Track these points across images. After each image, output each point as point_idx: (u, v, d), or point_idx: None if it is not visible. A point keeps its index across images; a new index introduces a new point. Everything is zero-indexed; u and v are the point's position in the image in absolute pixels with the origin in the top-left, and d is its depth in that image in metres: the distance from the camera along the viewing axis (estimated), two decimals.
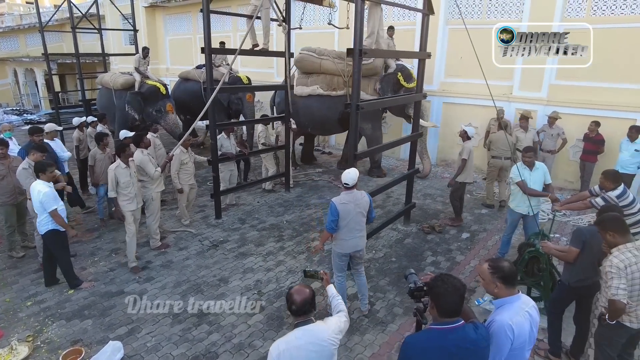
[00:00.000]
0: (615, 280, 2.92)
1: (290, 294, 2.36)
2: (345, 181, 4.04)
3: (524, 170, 5.10)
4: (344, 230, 4.07)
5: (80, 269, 5.43)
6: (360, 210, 4.09)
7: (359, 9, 4.41)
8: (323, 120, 9.12)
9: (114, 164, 5.29)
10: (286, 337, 2.33)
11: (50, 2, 27.70)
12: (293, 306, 2.32)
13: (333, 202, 4.02)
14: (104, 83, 10.18)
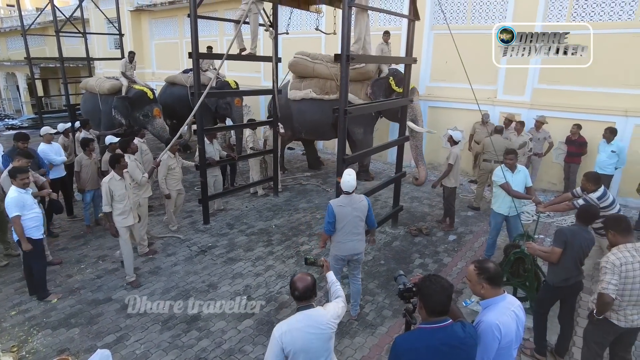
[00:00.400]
0: (608, 275, 3.05)
1: (293, 281, 2.52)
2: (345, 189, 4.07)
3: (506, 173, 5.21)
4: (341, 233, 4.09)
5: (67, 276, 5.36)
6: (358, 214, 4.11)
7: (346, 15, 4.46)
8: (316, 125, 9.15)
9: (107, 176, 5.01)
10: (288, 319, 2.51)
11: (32, 5, 27.23)
12: (296, 292, 2.50)
13: (330, 204, 4.09)
14: (89, 88, 10.07)
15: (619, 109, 7.88)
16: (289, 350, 2.39)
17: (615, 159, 7.06)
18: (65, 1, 24.84)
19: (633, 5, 7.73)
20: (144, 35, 17.84)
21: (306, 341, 2.41)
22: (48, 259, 5.58)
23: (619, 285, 3.03)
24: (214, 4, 14.13)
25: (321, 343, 2.48)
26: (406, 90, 6.25)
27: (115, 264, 5.69)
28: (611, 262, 3.07)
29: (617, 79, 7.95)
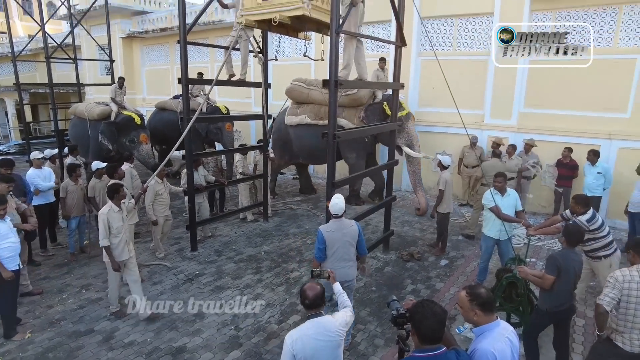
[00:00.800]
0: (608, 288, 3.10)
1: (303, 289, 2.66)
2: (333, 212, 4.03)
3: (495, 196, 5.21)
4: (332, 259, 4.01)
5: (47, 307, 5.17)
6: (348, 240, 4.05)
7: (334, 41, 4.52)
8: (313, 149, 9.15)
9: (105, 207, 4.75)
10: (299, 327, 2.64)
11: (24, 32, 27.42)
12: (306, 300, 2.63)
13: (320, 230, 4.03)
14: (78, 113, 10.03)
15: (603, 132, 8.04)
16: (300, 357, 2.50)
17: (602, 180, 7.15)
18: (57, 29, 25.11)
19: (611, 33, 8.00)
20: (135, 61, 17.99)
21: (316, 348, 2.52)
22: (28, 289, 5.41)
23: (617, 299, 3.06)
24: (205, 31, 14.36)
25: (330, 350, 2.58)
26: (394, 115, 6.30)
27: (99, 292, 5.52)
28: (615, 277, 3.12)
29: (599, 103, 8.15)
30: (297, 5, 5.33)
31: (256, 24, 6.16)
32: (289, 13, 5.48)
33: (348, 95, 8.60)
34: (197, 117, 6.14)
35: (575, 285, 3.74)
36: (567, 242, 3.73)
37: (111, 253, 4.73)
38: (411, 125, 8.55)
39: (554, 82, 8.59)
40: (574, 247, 3.74)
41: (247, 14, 5.99)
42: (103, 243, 4.68)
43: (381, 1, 5.65)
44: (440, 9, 9.72)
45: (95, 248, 6.90)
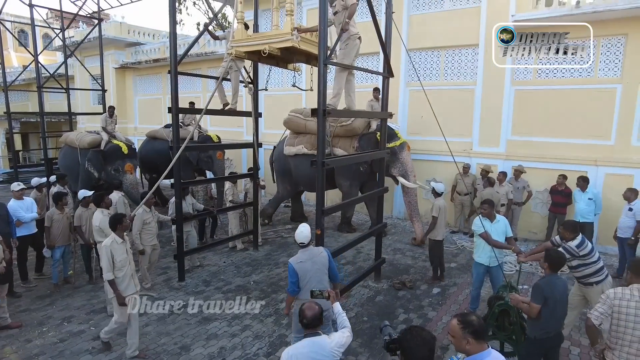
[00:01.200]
0: (599, 303, 3.25)
1: (302, 309, 2.78)
2: (299, 241, 4.02)
3: (485, 222, 5.22)
4: (305, 290, 3.90)
5: (25, 341, 4.97)
6: (319, 267, 4.01)
7: (322, 72, 4.61)
8: (311, 178, 9.05)
9: (108, 239, 4.53)
10: (295, 345, 2.78)
11: (18, 63, 27.67)
12: (304, 320, 2.75)
13: (290, 263, 3.98)
14: (69, 142, 10.00)
15: (590, 159, 8.18)
16: None
17: (593, 206, 7.22)
18: (53, 59, 25.40)
19: (591, 64, 8.28)
20: (128, 91, 18.16)
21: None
22: (6, 322, 5.21)
23: (606, 314, 3.18)
24: (197, 62, 14.61)
25: None
26: (383, 143, 6.36)
27: (82, 324, 5.33)
28: (607, 294, 3.24)
29: (584, 131, 8.33)
30: (286, 38, 5.46)
31: (246, 55, 6.28)
32: (278, 45, 5.61)
33: (343, 126, 8.69)
34: (187, 145, 6.16)
35: (564, 310, 3.72)
36: (549, 268, 3.73)
37: (116, 287, 4.46)
38: (405, 155, 8.54)
39: (540, 111, 8.80)
40: (556, 273, 3.75)
41: (237, 45, 6.12)
42: (108, 277, 4.43)
43: (370, 34, 5.81)
44: (427, 41, 10.03)
45: (80, 278, 6.74)
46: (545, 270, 3.80)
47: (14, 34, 16.03)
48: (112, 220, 4.68)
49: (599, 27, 7.77)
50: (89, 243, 6.37)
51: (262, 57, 6.09)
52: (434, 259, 6.68)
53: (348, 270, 7.16)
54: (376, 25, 5.70)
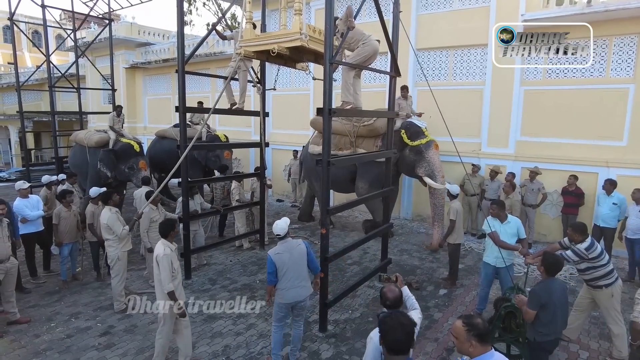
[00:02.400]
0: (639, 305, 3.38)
1: (384, 292, 2.95)
2: (276, 233, 4.17)
3: (494, 222, 5.16)
4: (284, 280, 4.11)
5: (34, 336, 5.03)
6: (297, 259, 4.15)
7: (327, 71, 4.60)
8: (334, 178, 8.92)
9: (163, 247, 4.15)
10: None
11: (32, 63, 28.14)
12: (387, 302, 2.91)
13: (269, 254, 4.13)
14: (78, 140, 10.12)
15: (601, 160, 8.05)
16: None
17: (617, 211, 6.91)
18: (65, 60, 25.75)
19: (602, 64, 8.15)
20: (137, 90, 18.34)
21: None
22: (15, 317, 5.29)
23: None
24: (206, 62, 14.70)
25: None
26: (390, 142, 6.32)
27: (89, 321, 5.38)
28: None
29: (596, 132, 8.21)
30: (295, 37, 5.45)
31: (255, 54, 6.28)
32: (287, 44, 5.60)
33: (366, 125, 8.47)
34: (194, 144, 6.19)
35: (565, 314, 3.71)
36: (546, 272, 3.69)
37: (176, 298, 4.15)
38: (432, 154, 8.14)
39: (550, 111, 8.69)
40: (553, 277, 3.70)
41: (245, 45, 6.13)
42: (169, 288, 4.05)
43: (379, 34, 5.79)
44: (435, 41, 9.97)
45: (87, 275, 6.81)
46: (542, 274, 3.76)
47: (28, 35, 16.23)
48: (165, 226, 4.35)
49: (611, 26, 7.66)
50: (101, 240, 6.41)
51: (270, 57, 6.09)
52: (455, 263, 6.57)
53: (354, 270, 7.13)
54: (383, 25, 5.68)
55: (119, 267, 5.58)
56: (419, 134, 8.29)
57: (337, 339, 4.99)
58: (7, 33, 31.36)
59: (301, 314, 4.37)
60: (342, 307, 5.73)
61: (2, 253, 5.10)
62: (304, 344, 4.85)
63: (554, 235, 8.61)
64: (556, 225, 8.59)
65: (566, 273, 6.91)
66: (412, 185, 10.45)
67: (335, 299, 5.29)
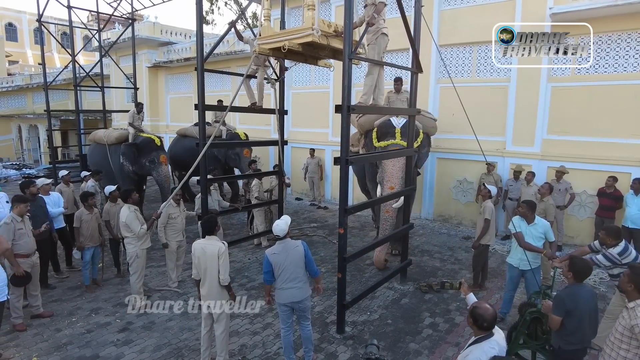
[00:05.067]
0: None
1: (479, 313, 2.73)
2: (275, 233, 4.12)
3: (520, 223, 4.96)
4: (280, 280, 4.11)
5: (55, 330, 5.12)
6: (293, 260, 4.09)
7: (346, 67, 4.50)
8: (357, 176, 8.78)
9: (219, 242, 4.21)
10: (480, 346, 2.71)
11: (60, 63, 28.97)
12: (485, 324, 2.71)
13: (265, 253, 4.13)
14: (97, 139, 10.23)
15: (633, 160, 7.68)
16: None
17: None
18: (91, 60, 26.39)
19: (637, 58, 7.76)
20: (160, 89, 18.60)
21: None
22: (39, 311, 5.40)
23: None
24: (226, 61, 14.74)
25: None
26: (410, 141, 6.17)
27: (108, 317, 5.43)
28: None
29: (628, 129, 7.82)
30: (307, 33, 5.37)
31: (271, 52, 6.23)
32: (298, 40, 5.52)
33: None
34: (214, 142, 6.18)
35: (594, 323, 3.48)
36: (574, 278, 3.46)
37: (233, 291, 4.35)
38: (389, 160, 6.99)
39: (579, 108, 8.34)
40: (581, 282, 3.48)
41: (262, 42, 6.09)
42: (228, 280, 4.18)
43: (399, 30, 5.65)
44: (458, 37, 9.71)
45: (108, 271, 6.87)
46: (568, 279, 3.54)
47: (56, 37, 16.72)
48: (208, 224, 4.29)
49: None
50: (116, 238, 6.48)
51: (288, 54, 6.03)
52: (478, 264, 6.35)
53: (373, 270, 7.01)
54: (404, 20, 5.53)
55: (138, 265, 5.61)
56: (388, 134, 7.05)
57: (355, 341, 4.89)
58: (38, 35, 32.46)
59: (304, 315, 4.30)
60: (360, 309, 5.63)
61: (29, 247, 5.20)
62: (321, 345, 4.78)
63: (582, 237, 8.27)
64: (585, 227, 8.24)
65: (596, 277, 6.62)
66: (434, 184, 10.24)
67: (354, 300, 5.19)
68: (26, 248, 5.14)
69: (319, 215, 10.91)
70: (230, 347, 4.73)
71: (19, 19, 33.03)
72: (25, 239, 5.11)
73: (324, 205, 11.83)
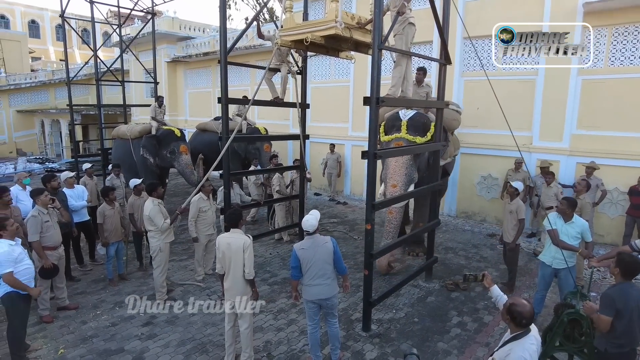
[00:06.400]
0: None
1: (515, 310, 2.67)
2: (305, 229, 4.01)
3: (557, 220, 4.77)
4: (307, 276, 4.03)
5: (81, 322, 5.15)
6: (321, 256, 3.97)
7: (376, 58, 4.36)
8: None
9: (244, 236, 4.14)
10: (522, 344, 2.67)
11: (81, 59, 29.39)
12: (524, 320, 2.65)
13: (294, 248, 4.05)
14: (120, 134, 10.28)
15: None
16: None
17: None
18: (111, 55, 26.72)
19: None
20: (179, 84, 18.70)
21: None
22: (65, 303, 5.43)
23: None
24: (246, 55, 14.71)
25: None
26: (438, 135, 5.99)
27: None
28: None
29: None
30: (330, 25, 5.23)
31: (293, 44, 6.10)
32: (321, 33, 5.38)
33: None
34: (236, 136, 6.11)
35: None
36: (622, 275, 3.27)
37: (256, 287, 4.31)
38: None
39: (611, 102, 8.02)
40: (630, 280, 3.29)
41: (284, 34, 5.97)
42: (252, 275, 4.12)
43: (421, 22, 5.48)
44: (484, 29, 9.39)
45: (130, 265, 6.89)
46: (616, 277, 3.36)
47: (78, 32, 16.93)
48: (233, 217, 4.23)
49: None
50: (140, 231, 6.48)
51: (310, 46, 5.90)
52: (515, 264, 6.13)
53: (396, 267, 6.87)
54: (434, 9, 5.35)
55: (161, 259, 5.59)
56: (394, 127, 6.58)
57: (382, 339, 4.78)
58: (60, 32, 33.02)
59: (332, 313, 4.20)
60: (385, 306, 5.51)
61: (56, 240, 5.23)
62: (347, 342, 4.68)
63: (612, 236, 7.99)
64: (616, 225, 7.95)
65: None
66: (457, 180, 10.01)
67: (380, 298, 5.08)
68: (53, 240, 5.17)
69: (338, 210, 10.80)
70: (255, 344, 4.67)
71: (41, 16, 33.63)
72: (51, 231, 5.14)
73: (343, 200, 11.70)
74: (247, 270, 4.07)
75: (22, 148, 23.36)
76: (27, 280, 4.24)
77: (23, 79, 23.42)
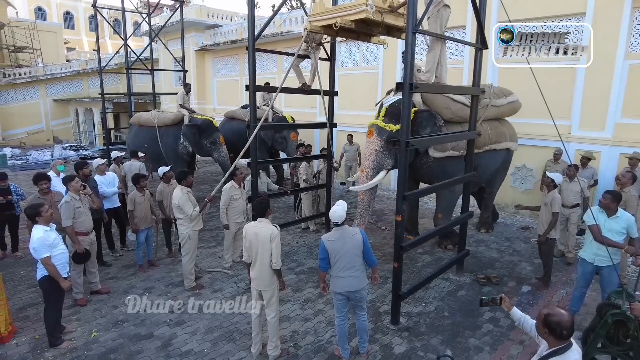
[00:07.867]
0: None
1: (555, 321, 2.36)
2: (333, 220, 3.91)
3: (599, 214, 4.49)
4: (336, 268, 3.96)
5: (112, 307, 5.25)
6: (350, 248, 3.88)
7: (410, 41, 4.16)
8: None
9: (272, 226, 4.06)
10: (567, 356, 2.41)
11: (112, 49, 30.06)
12: (565, 332, 2.36)
13: (322, 239, 4.00)
14: (143, 122, 10.28)
15: None
16: None
17: None
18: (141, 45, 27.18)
19: None
20: (207, 72, 18.81)
21: None
22: (97, 288, 5.56)
23: None
24: (273, 43, 14.58)
25: None
26: (473, 123, 5.74)
27: (161, 296, 5.50)
28: None
29: None
30: (360, 9, 5.05)
31: (322, 29, 5.94)
32: (351, 17, 5.21)
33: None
34: (263, 125, 6.04)
35: None
36: None
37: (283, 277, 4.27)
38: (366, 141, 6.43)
39: None
40: None
41: (313, 19, 5.83)
42: (279, 264, 4.07)
43: (454, 6, 5.20)
44: (520, 12, 8.95)
45: (160, 251, 6.98)
46: None
47: (109, 22, 17.27)
48: (261, 206, 4.14)
49: None
50: (169, 218, 6.55)
51: (340, 32, 5.72)
52: (550, 259, 5.88)
53: (426, 260, 6.71)
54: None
55: (190, 246, 5.63)
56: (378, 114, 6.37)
57: (411, 333, 4.66)
58: (92, 22, 33.82)
59: (360, 305, 4.11)
60: (414, 299, 5.38)
61: (88, 225, 5.35)
62: (375, 335, 4.59)
63: None
64: None
65: None
66: None
67: (410, 291, 4.95)
68: (85, 226, 5.28)
69: None
70: (282, 333, 4.65)
71: (75, 7, 34.54)
72: (83, 217, 5.25)
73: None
74: (275, 260, 4.02)
75: (59, 136, 24.20)
76: (62, 265, 4.35)
77: (59, 69, 24.16)
